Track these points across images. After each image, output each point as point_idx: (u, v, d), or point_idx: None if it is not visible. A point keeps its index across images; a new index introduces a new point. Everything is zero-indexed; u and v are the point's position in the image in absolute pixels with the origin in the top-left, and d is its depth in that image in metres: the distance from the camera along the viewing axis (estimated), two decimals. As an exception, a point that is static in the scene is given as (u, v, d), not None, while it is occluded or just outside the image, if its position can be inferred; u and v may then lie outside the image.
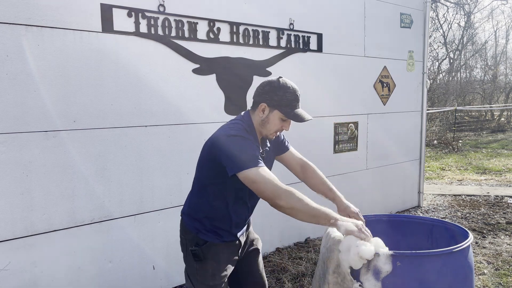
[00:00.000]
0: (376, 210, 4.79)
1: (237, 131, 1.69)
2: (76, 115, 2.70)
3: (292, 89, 1.77)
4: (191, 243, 1.83)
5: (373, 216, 2.12)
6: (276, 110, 1.75)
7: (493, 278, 3.31)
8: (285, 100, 1.74)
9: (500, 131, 15.64)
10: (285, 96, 1.74)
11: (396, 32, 4.90)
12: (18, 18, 2.45)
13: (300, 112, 1.78)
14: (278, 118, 1.76)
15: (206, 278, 1.80)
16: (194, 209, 1.89)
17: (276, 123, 1.77)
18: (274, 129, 1.78)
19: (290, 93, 1.75)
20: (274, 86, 1.75)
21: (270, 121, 1.77)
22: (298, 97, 1.79)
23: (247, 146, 1.64)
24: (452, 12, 22.09)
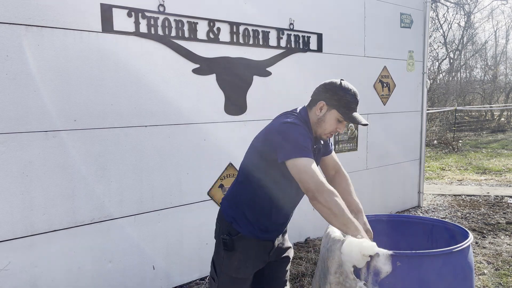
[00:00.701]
0: (376, 210, 4.79)
1: (295, 121, 1.69)
2: (76, 115, 2.70)
3: (353, 92, 1.78)
4: (223, 232, 1.82)
5: (373, 216, 2.12)
6: (334, 110, 1.75)
7: (493, 278, 3.31)
8: (344, 101, 1.75)
9: (500, 131, 15.63)
10: (345, 97, 1.75)
11: (396, 32, 4.90)
12: (18, 18, 2.45)
13: (357, 115, 1.77)
14: (334, 118, 1.76)
15: (230, 269, 1.80)
16: (236, 196, 1.86)
17: (332, 123, 1.77)
18: (330, 129, 1.78)
19: (351, 95, 1.76)
20: (336, 86, 1.77)
21: (326, 121, 1.77)
22: (358, 101, 1.79)
23: (301, 136, 1.63)
24: (452, 12, 22.10)
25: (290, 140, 1.61)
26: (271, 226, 1.84)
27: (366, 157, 4.75)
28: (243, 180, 1.85)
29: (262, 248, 1.86)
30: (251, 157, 1.82)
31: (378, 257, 1.53)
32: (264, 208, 1.79)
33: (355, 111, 1.77)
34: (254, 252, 1.84)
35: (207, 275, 3.41)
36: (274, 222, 1.84)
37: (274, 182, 1.75)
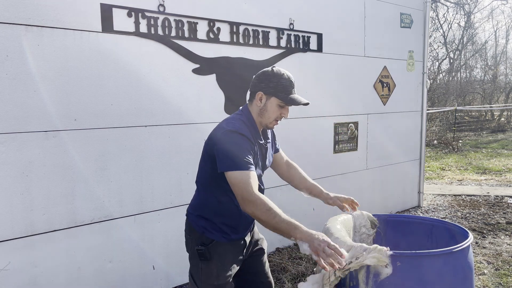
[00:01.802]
0: (376, 210, 4.78)
1: (234, 126, 1.72)
2: (76, 115, 2.70)
3: (286, 76, 1.79)
4: (196, 243, 1.84)
5: (373, 216, 2.12)
6: (273, 97, 1.78)
7: (493, 278, 3.31)
8: (280, 86, 1.77)
9: (500, 131, 15.63)
10: (280, 82, 1.77)
11: (396, 32, 4.90)
12: (18, 18, 2.45)
13: (296, 96, 1.79)
14: (275, 105, 1.79)
15: (210, 278, 1.79)
16: (201, 207, 1.88)
17: (274, 110, 1.79)
18: (273, 116, 1.80)
19: (285, 79, 1.78)
20: (269, 74, 1.79)
21: (268, 109, 1.79)
22: (293, 83, 1.80)
23: (239, 146, 1.66)
24: (452, 12, 22.10)
25: (227, 152, 1.66)
26: (241, 226, 1.87)
27: (366, 157, 4.75)
28: (203, 189, 1.88)
29: (237, 248, 1.88)
30: (205, 165, 1.83)
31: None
32: (231, 211, 1.81)
33: (293, 94, 1.79)
34: (230, 255, 1.86)
35: (207, 275, 3.41)
36: (243, 222, 1.87)
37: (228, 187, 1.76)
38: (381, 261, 1.49)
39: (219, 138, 1.71)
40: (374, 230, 2.07)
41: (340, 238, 1.67)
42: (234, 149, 1.65)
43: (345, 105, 4.41)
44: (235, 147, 1.66)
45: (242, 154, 1.65)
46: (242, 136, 1.69)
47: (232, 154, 1.64)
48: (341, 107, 4.38)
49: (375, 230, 2.07)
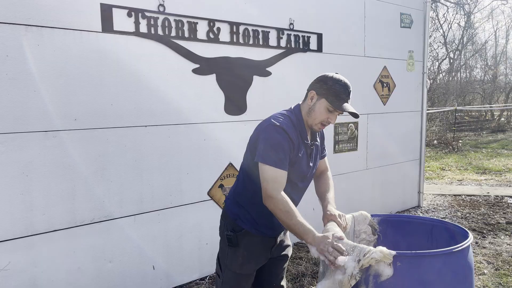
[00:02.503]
0: (376, 210, 4.79)
1: (280, 121, 1.75)
2: (76, 115, 2.70)
3: (343, 83, 1.80)
4: (227, 228, 1.88)
5: (373, 216, 2.12)
6: (323, 99, 1.78)
7: (493, 278, 3.31)
8: (333, 90, 1.77)
9: (500, 131, 15.63)
10: (334, 86, 1.78)
11: (396, 32, 4.90)
12: (18, 18, 2.45)
13: (347, 105, 1.79)
14: (324, 108, 1.78)
15: (234, 265, 1.84)
16: (238, 194, 1.91)
17: (321, 112, 1.79)
18: (320, 118, 1.80)
19: (340, 85, 1.79)
20: (326, 77, 1.81)
21: (316, 110, 1.80)
22: (349, 91, 1.81)
23: (278, 142, 1.70)
24: (452, 12, 22.12)
25: (266, 145, 1.71)
26: (275, 222, 1.84)
27: (366, 157, 4.75)
28: (243, 178, 1.90)
29: (265, 244, 1.90)
30: (247, 156, 1.87)
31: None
32: (265, 206, 1.79)
33: (345, 102, 1.79)
34: (257, 249, 1.87)
35: (207, 275, 3.41)
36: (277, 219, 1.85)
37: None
38: (386, 257, 1.51)
39: (264, 129, 1.75)
40: (375, 236, 2.06)
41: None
42: (273, 144, 1.70)
43: (345, 105, 4.40)
44: (274, 142, 1.70)
45: (279, 151, 1.69)
46: (284, 133, 1.71)
47: (270, 148, 1.69)
48: (341, 107, 4.37)
49: (376, 236, 2.06)
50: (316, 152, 1.95)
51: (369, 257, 1.52)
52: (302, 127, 1.82)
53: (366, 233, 2.05)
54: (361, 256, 1.53)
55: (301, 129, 1.81)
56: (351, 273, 1.55)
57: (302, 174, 1.86)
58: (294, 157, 1.77)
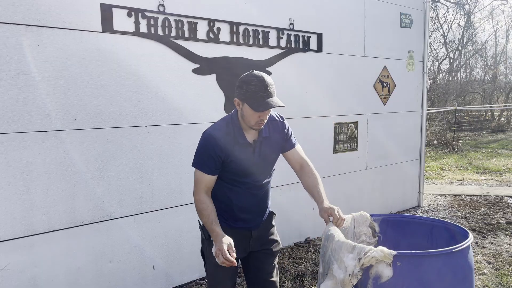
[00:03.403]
0: (376, 210, 4.79)
1: (213, 126, 1.92)
2: (76, 115, 2.70)
3: (256, 81, 1.79)
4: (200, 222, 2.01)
5: (373, 216, 2.12)
6: (245, 104, 1.82)
7: (493, 278, 3.31)
8: (249, 93, 1.79)
9: (500, 131, 15.63)
10: (248, 89, 1.79)
11: (396, 32, 4.90)
12: (18, 18, 2.45)
13: (266, 102, 1.79)
14: (250, 111, 1.82)
15: (211, 256, 1.90)
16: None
17: (250, 115, 1.83)
18: (253, 121, 1.85)
19: (254, 85, 1.79)
20: (241, 80, 1.84)
21: (245, 114, 1.85)
22: (265, 86, 1.79)
23: (204, 149, 1.88)
24: (452, 12, 22.12)
25: (196, 150, 1.93)
26: (241, 216, 2.00)
27: (366, 157, 4.75)
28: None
29: (240, 236, 1.99)
30: None
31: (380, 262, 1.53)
32: (224, 200, 1.99)
33: (265, 99, 1.79)
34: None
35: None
36: (239, 208, 1.99)
37: (222, 180, 1.97)
38: (387, 256, 1.51)
39: (201, 137, 1.93)
40: (375, 238, 2.06)
41: (341, 240, 1.68)
42: (198, 149, 1.91)
43: (345, 105, 4.41)
44: (201, 148, 1.90)
45: (203, 155, 1.89)
46: (211, 139, 1.86)
47: (197, 153, 1.92)
48: (341, 107, 4.38)
49: (376, 238, 2.06)
50: (267, 147, 1.98)
51: (370, 256, 1.52)
52: (239, 129, 1.90)
53: (366, 235, 2.05)
54: (361, 255, 1.54)
55: (237, 131, 1.90)
56: (352, 272, 1.55)
57: (246, 170, 1.93)
58: (228, 157, 1.88)
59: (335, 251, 1.66)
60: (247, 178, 1.96)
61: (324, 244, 1.78)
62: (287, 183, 3.84)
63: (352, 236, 2.03)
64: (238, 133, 1.90)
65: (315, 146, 4.17)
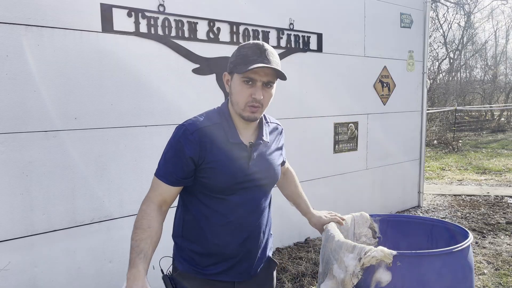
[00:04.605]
0: (376, 210, 4.79)
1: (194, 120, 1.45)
2: (76, 115, 2.70)
3: (252, 44, 1.39)
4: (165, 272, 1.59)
5: (373, 216, 2.12)
6: (235, 74, 1.38)
7: (493, 278, 3.31)
8: (239, 57, 1.37)
9: (500, 131, 15.63)
10: (240, 52, 1.38)
11: (396, 32, 4.90)
12: (18, 18, 2.45)
13: (257, 62, 1.34)
14: (240, 84, 1.37)
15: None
16: (174, 225, 1.57)
17: (240, 91, 1.37)
18: (242, 99, 1.37)
19: (247, 48, 1.38)
20: (235, 49, 1.44)
21: (234, 92, 1.40)
22: (261, 51, 1.37)
23: (174, 151, 1.41)
24: (452, 12, 22.14)
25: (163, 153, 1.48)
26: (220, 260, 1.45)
27: (366, 157, 4.75)
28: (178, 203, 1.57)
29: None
30: None
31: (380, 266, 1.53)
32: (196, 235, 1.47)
33: (257, 63, 1.34)
34: None
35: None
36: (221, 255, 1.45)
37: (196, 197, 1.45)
38: (387, 256, 1.51)
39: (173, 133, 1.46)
40: (376, 240, 2.06)
41: (341, 240, 1.68)
42: (166, 150, 1.46)
43: (345, 105, 4.41)
44: (168, 147, 1.46)
45: (168, 160, 1.44)
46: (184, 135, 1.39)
47: (163, 155, 1.47)
48: (341, 107, 4.38)
49: (376, 240, 2.06)
50: (267, 155, 1.50)
51: (370, 256, 1.52)
52: (230, 124, 1.43)
53: (366, 236, 2.05)
54: (362, 255, 1.54)
55: (227, 126, 1.42)
56: (353, 272, 1.55)
57: (235, 182, 1.40)
58: (208, 160, 1.37)
59: (335, 251, 1.66)
60: (235, 195, 1.41)
61: (324, 244, 1.78)
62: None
63: (352, 237, 2.03)
64: (229, 128, 1.42)
65: (315, 146, 4.17)
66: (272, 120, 1.64)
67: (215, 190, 1.41)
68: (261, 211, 1.50)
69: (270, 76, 1.41)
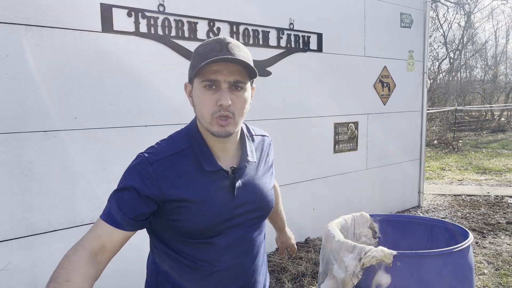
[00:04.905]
0: (376, 210, 4.79)
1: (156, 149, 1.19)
2: (76, 115, 2.70)
3: (210, 41, 1.12)
4: None
5: (373, 216, 2.12)
6: (195, 79, 1.11)
7: (493, 278, 3.31)
8: (196, 58, 1.10)
9: (500, 131, 15.63)
10: (197, 52, 1.11)
11: (396, 32, 4.90)
12: (17, 18, 2.45)
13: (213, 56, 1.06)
14: (201, 90, 1.08)
15: None
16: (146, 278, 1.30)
17: (203, 99, 1.08)
18: (207, 110, 1.08)
19: (205, 45, 1.11)
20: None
21: (197, 102, 1.12)
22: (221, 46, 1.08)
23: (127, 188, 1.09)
24: (452, 12, 22.14)
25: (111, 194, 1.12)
26: None
27: (366, 157, 4.75)
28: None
29: None
30: None
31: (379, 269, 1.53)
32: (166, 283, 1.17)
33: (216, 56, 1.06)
34: None
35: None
36: None
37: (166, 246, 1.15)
38: (387, 256, 1.51)
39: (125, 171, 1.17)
40: (376, 240, 2.06)
41: (341, 240, 1.68)
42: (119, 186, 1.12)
43: (345, 105, 4.41)
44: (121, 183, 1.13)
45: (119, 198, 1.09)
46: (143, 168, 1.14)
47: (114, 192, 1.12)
48: (341, 107, 4.38)
49: (376, 240, 2.06)
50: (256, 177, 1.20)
51: (370, 256, 1.52)
52: (203, 148, 1.13)
53: (366, 236, 2.05)
54: (362, 255, 1.54)
55: (201, 152, 1.12)
56: (353, 272, 1.56)
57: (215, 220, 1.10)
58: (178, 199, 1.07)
59: (335, 251, 1.66)
60: (220, 237, 1.12)
61: (324, 244, 1.78)
62: (287, 183, 3.84)
63: (353, 237, 2.03)
64: (202, 153, 1.12)
65: (315, 146, 4.17)
66: (257, 132, 1.32)
67: (193, 235, 1.10)
68: (256, 251, 1.21)
69: (237, 74, 1.09)
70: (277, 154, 4.01)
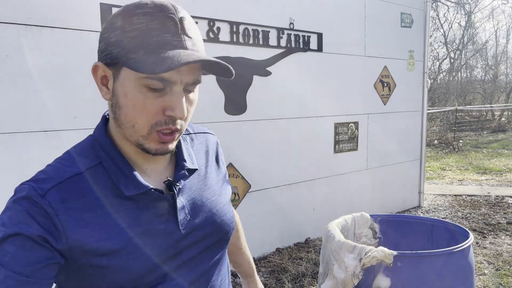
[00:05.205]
0: (376, 210, 4.78)
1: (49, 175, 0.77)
2: (76, 115, 2.70)
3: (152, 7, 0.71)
4: None
5: (373, 216, 2.12)
6: (125, 69, 0.71)
7: (494, 278, 3.31)
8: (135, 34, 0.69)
9: (500, 131, 15.62)
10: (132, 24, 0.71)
11: (397, 31, 4.90)
12: (17, 17, 2.44)
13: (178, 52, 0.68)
14: (139, 89, 0.71)
15: None
16: None
17: (142, 102, 0.71)
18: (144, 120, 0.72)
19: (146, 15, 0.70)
20: (111, 21, 0.76)
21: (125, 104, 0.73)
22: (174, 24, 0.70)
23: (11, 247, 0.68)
24: (453, 12, 22.13)
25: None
26: None
27: (366, 157, 4.74)
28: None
29: None
30: None
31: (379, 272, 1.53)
32: None
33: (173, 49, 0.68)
34: None
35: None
36: None
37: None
38: (387, 256, 1.51)
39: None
40: (376, 240, 2.06)
41: (341, 240, 1.67)
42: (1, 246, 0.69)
43: (345, 105, 4.41)
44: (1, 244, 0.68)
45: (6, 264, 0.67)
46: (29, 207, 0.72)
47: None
48: (341, 107, 4.38)
49: (376, 240, 2.06)
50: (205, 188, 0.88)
51: (370, 256, 1.52)
52: (119, 164, 0.78)
53: (366, 236, 2.05)
54: (362, 255, 1.54)
55: (116, 169, 0.78)
56: (353, 272, 1.55)
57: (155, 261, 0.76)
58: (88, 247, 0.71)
59: (335, 251, 1.66)
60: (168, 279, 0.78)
61: (324, 244, 1.78)
62: (287, 183, 3.84)
63: (353, 237, 2.03)
64: (119, 170, 0.77)
65: (315, 146, 4.16)
66: (196, 129, 0.97)
67: (128, 286, 0.75)
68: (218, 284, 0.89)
69: (196, 71, 0.73)
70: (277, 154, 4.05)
